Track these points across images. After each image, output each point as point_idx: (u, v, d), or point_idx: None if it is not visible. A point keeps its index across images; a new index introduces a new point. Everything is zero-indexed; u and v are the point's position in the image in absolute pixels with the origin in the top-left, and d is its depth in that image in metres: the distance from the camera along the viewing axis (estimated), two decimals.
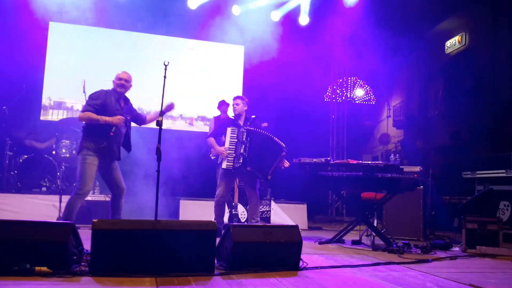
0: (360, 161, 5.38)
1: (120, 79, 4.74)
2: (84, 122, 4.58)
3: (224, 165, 5.42)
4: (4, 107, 7.23)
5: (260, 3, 9.05)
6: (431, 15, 9.68)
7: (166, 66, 4.35)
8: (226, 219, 6.14)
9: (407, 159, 8.82)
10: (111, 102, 4.64)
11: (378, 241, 5.39)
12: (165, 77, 4.35)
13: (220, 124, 5.81)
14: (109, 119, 4.53)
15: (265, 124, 6.32)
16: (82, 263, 3.29)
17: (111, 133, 4.55)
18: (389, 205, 6.19)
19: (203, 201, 7.22)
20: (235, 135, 5.41)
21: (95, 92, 4.67)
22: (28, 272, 2.95)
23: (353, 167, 5.25)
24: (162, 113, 4.35)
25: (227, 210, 6.19)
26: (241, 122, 5.57)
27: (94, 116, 4.49)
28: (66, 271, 3.05)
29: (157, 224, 3.29)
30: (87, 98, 4.79)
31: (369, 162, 5.22)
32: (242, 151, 5.34)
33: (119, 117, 4.58)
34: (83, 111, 4.56)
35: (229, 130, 5.46)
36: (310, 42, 9.39)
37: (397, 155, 5.91)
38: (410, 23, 9.95)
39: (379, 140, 11.55)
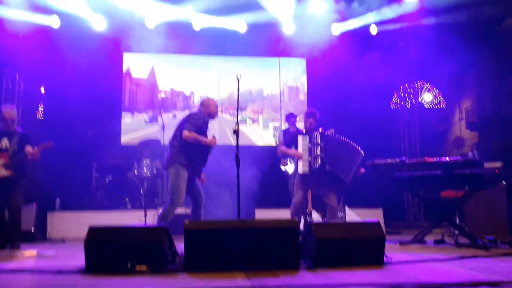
0: (438, 158, 5.22)
1: (216, 107, 5.13)
2: (188, 140, 4.82)
3: (300, 170, 5.39)
4: (89, 133, 7.82)
5: (318, 16, 9.06)
6: (499, 10, 9.34)
7: (238, 79, 4.54)
8: (301, 226, 6.19)
9: (484, 161, 8.45)
10: (202, 125, 4.99)
11: (462, 240, 5.23)
12: (238, 89, 4.55)
13: (291, 136, 5.88)
14: (208, 140, 4.89)
15: (332, 130, 6.31)
16: (176, 262, 3.52)
17: (209, 153, 5.01)
18: (471, 204, 5.97)
19: (277, 210, 7.33)
20: (307, 141, 5.42)
21: (195, 115, 5.03)
22: (129, 271, 3.24)
23: (431, 165, 5.13)
24: (237, 123, 4.48)
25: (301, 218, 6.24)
26: None
27: (198, 137, 4.82)
28: (163, 269, 3.29)
29: (242, 223, 3.46)
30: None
31: (447, 158, 5.09)
32: (318, 152, 5.31)
33: (215, 139, 4.94)
34: (188, 130, 4.80)
35: (300, 137, 5.47)
36: (374, 49, 9.33)
37: (475, 151, 5.73)
38: (476, 22, 9.65)
39: (453, 144, 11.14)
